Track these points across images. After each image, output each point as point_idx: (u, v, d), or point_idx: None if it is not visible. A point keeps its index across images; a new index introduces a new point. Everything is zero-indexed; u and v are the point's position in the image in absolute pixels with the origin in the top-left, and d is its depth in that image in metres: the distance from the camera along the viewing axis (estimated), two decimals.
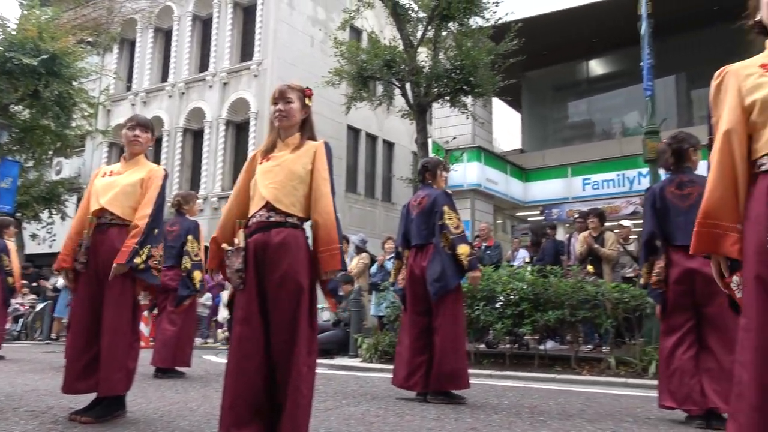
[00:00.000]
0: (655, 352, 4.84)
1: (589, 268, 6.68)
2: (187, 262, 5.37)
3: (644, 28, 6.91)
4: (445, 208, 4.19)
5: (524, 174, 15.69)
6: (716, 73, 1.82)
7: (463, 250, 4.08)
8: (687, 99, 15.56)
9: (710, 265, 1.82)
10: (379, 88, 12.20)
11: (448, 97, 10.23)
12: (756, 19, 1.78)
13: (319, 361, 7.07)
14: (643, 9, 6.94)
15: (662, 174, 4.38)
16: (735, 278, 1.73)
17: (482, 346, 7.12)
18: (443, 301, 4.10)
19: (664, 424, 3.38)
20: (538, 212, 15.51)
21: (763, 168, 1.65)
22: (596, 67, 16.75)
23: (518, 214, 16.50)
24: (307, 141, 2.59)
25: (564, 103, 17.80)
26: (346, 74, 10.46)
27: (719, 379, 3.18)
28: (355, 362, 7.01)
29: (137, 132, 3.32)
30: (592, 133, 16.63)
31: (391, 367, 6.46)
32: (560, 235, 11.44)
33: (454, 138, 12.92)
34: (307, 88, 2.66)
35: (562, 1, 12.67)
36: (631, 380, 5.38)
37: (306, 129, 2.63)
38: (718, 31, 11.74)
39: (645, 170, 9.66)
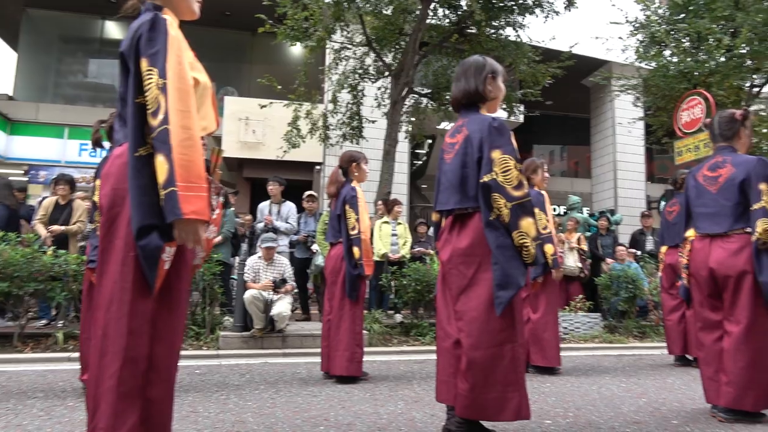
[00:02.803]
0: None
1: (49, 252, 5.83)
2: None
3: None
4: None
5: (9, 125, 13.46)
6: None
7: None
8: None
9: None
10: None
11: None
12: None
13: None
14: None
15: None
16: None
17: None
18: None
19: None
20: (23, 172, 13.57)
21: None
22: (113, 29, 15.94)
23: None
24: None
25: (72, 57, 16.18)
26: None
27: None
28: None
29: None
30: (98, 98, 15.68)
31: None
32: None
33: None
34: None
35: None
36: (75, 354, 5.25)
37: None
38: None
39: None
